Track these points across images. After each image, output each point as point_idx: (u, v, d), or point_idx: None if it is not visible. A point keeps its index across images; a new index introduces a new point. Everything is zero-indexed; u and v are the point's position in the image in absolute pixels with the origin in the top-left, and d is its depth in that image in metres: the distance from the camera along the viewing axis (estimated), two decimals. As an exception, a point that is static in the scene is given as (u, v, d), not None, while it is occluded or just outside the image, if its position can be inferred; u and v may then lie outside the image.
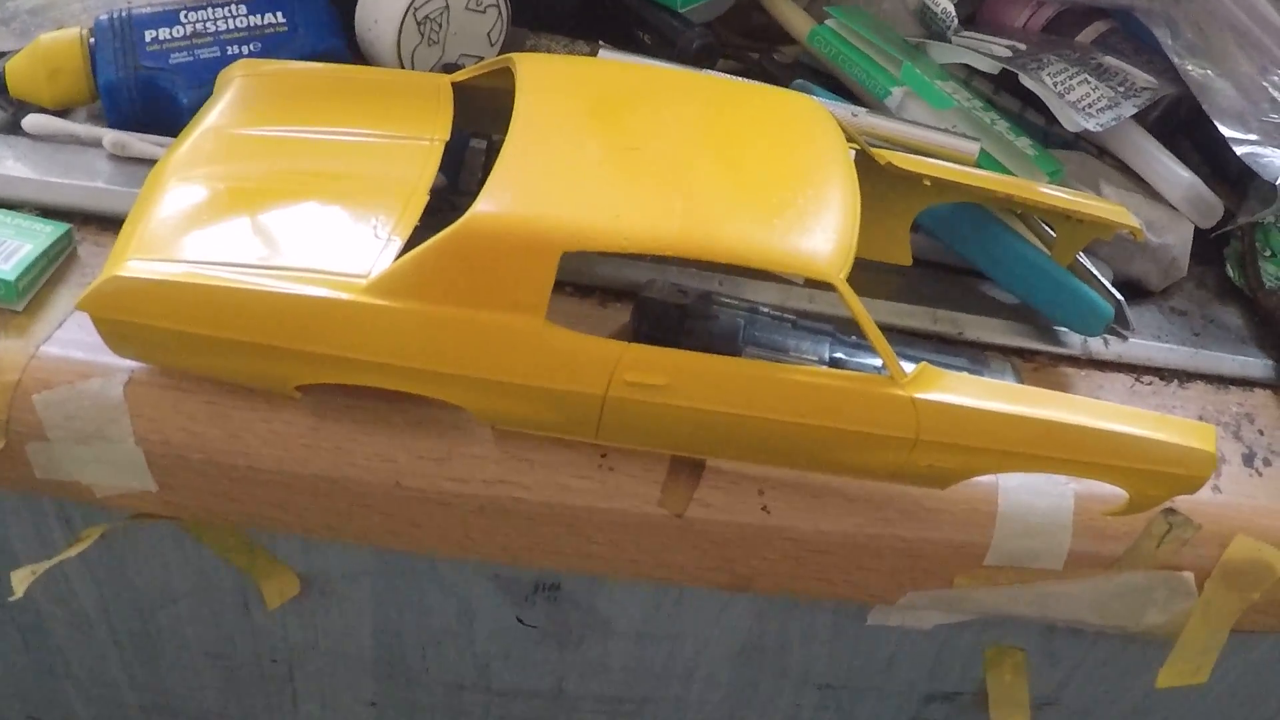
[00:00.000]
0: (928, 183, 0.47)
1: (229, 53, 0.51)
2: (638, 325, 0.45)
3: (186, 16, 0.52)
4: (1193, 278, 0.59)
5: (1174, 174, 0.57)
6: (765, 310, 0.46)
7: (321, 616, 0.54)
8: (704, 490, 0.44)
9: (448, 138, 0.45)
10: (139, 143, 0.50)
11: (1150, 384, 0.53)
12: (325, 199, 0.42)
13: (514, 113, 0.41)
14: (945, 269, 0.53)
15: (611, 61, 0.51)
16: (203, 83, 0.50)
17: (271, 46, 0.52)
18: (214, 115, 0.45)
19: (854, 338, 0.46)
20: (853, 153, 0.45)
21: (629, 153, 0.41)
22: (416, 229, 0.41)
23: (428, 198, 0.42)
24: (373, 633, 0.55)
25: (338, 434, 0.43)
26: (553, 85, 0.43)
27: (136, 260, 0.39)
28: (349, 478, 0.43)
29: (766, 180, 0.41)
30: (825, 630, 0.53)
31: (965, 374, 0.42)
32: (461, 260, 0.38)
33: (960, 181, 0.47)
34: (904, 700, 0.58)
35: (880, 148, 0.49)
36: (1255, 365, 0.54)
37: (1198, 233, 0.57)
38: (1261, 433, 0.51)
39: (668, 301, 0.45)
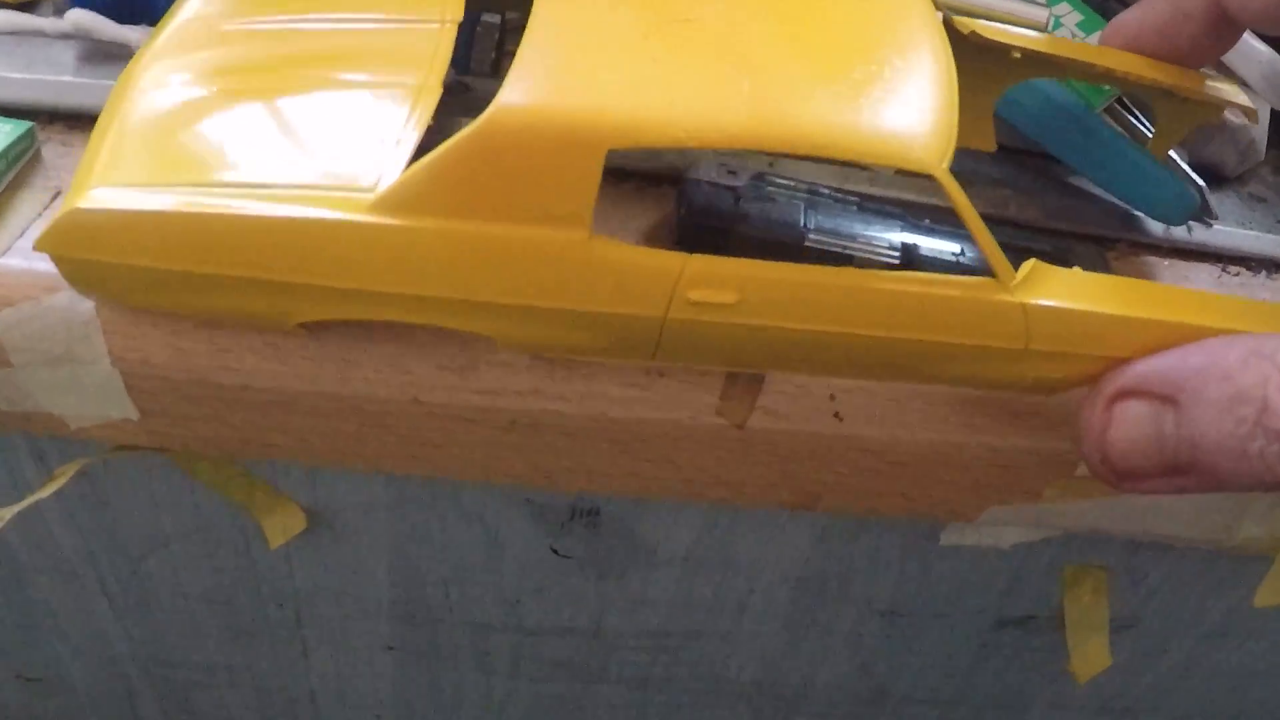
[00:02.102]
0: (1017, 54, 0.41)
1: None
2: (684, 213, 0.39)
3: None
4: (1269, 162, 0.54)
5: (1251, 49, 0.52)
6: (826, 192, 0.41)
7: (331, 555, 0.49)
8: (768, 396, 0.39)
9: (460, 18, 0.38)
10: (106, 25, 0.44)
11: (1237, 274, 0.48)
12: (322, 100, 0.36)
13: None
14: (1018, 153, 0.48)
15: None
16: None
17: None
18: (189, 10, 0.39)
19: (926, 221, 0.41)
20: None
21: (681, 25, 0.34)
22: (430, 130, 0.34)
23: (441, 90, 0.36)
24: (389, 571, 0.50)
25: (344, 344, 0.37)
26: None
27: (102, 188, 0.33)
28: (358, 394, 0.38)
29: (846, 50, 0.35)
30: (893, 552, 0.49)
31: (1079, 270, 0.36)
32: (486, 164, 0.31)
33: (1053, 54, 0.41)
34: (973, 627, 0.54)
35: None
36: (1346, 253, 0.50)
37: (1275, 115, 0.53)
38: (1357, 322, 0.47)
39: (718, 183, 0.39)
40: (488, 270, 0.33)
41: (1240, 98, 0.43)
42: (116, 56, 0.44)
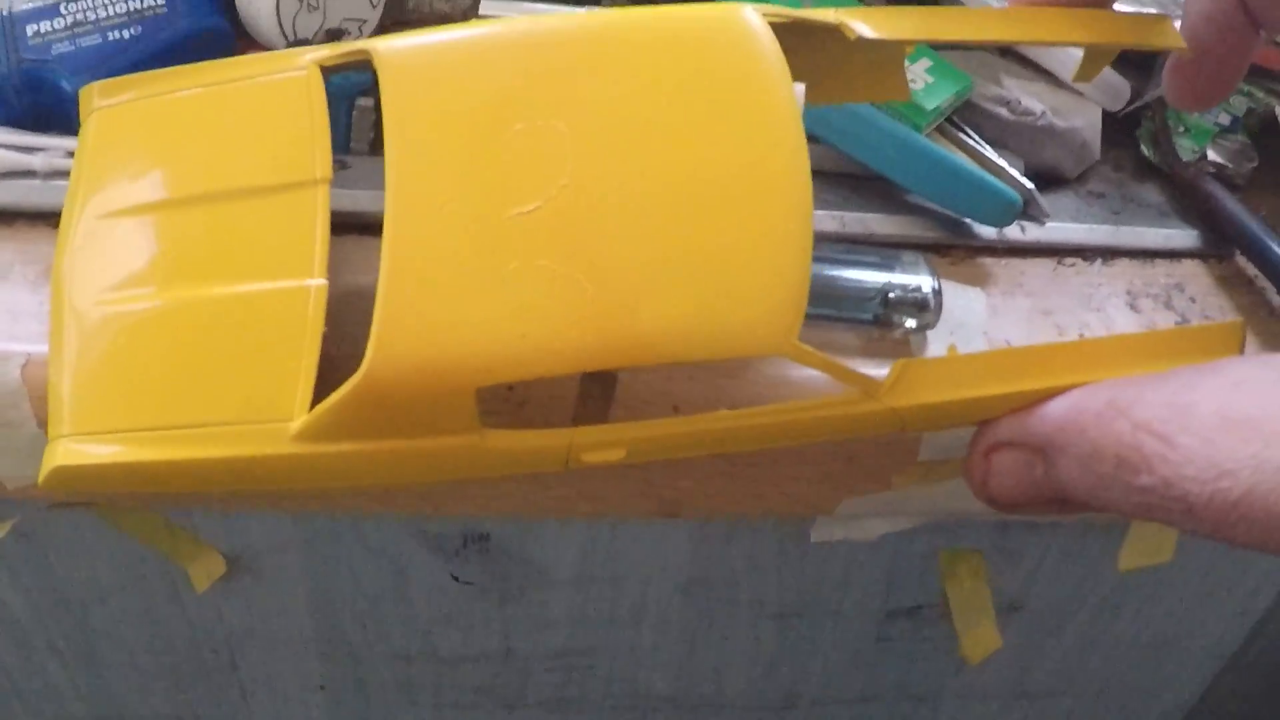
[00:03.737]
0: (910, 49, 0.44)
1: (110, 38, 0.51)
2: None
3: (66, 8, 0.52)
4: (1108, 161, 0.58)
5: (1075, 57, 0.56)
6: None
7: (254, 596, 0.53)
8: (618, 411, 0.42)
9: (330, 176, 0.39)
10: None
11: (1073, 265, 0.52)
12: (231, 312, 0.38)
13: (386, 164, 0.36)
14: (852, 177, 0.52)
15: (489, 37, 0.39)
16: (85, 69, 0.49)
17: (152, 29, 0.51)
18: (92, 184, 0.41)
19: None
20: (802, 91, 0.41)
21: (526, 218, 0.35)
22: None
23: (327, 285, 0.37)
24: (309, 608, 0.53)
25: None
26: (424, 105, 0.37)
27: (73, 444, 0.37)
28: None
29: (691, 212, 0.35)
30: (769, 554, 0.52)
31: (952, 354, 0.39)
32: (376, 406, 0.35)
33: (951, 39, 0.43)
34: (865, 621, 0.57)
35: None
36: (1179, 236, 0.53)
37: (1109, 116, 0.57)
38: (1193, 300, 0.51)
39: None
40: (399, 469, 0.37)
41: (1170, 35, 0.41)
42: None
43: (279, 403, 0.36)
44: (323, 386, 0.35)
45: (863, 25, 0.39)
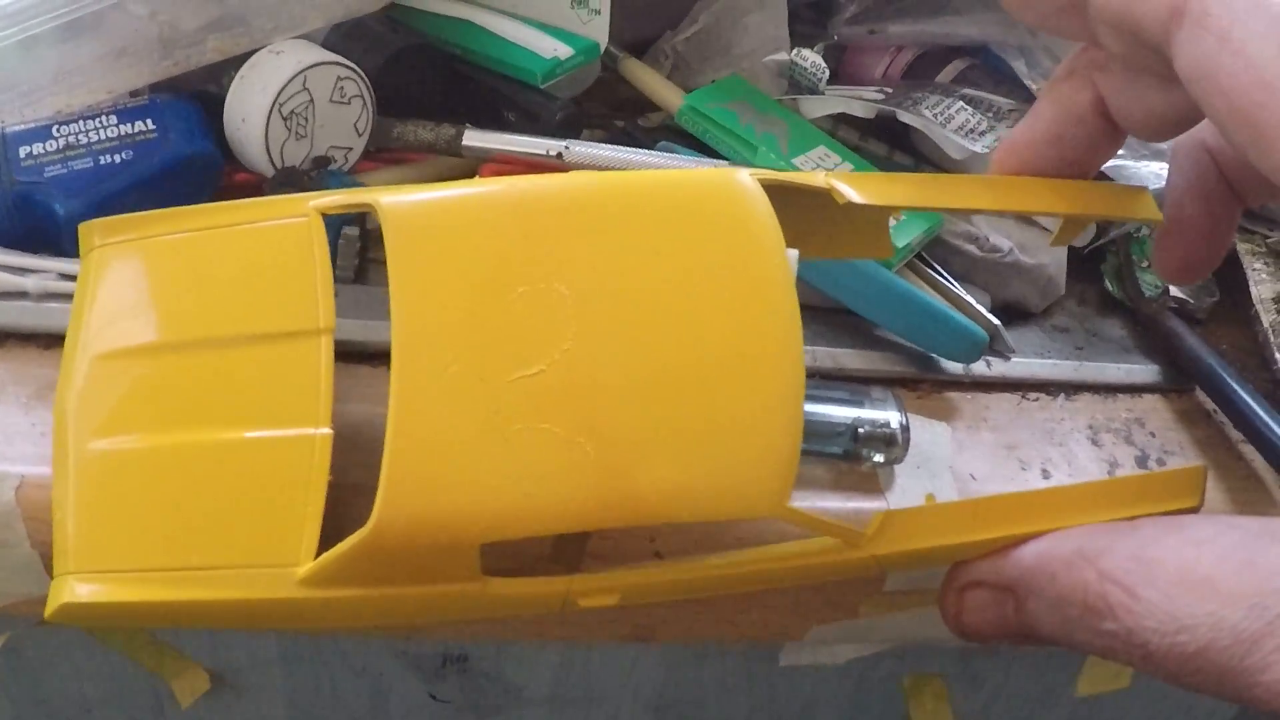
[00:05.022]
0: (896, 218, 0.46)
1: (101, 162, 0.52)
2: None
3: (59, 130, 0.53)
4: (1073, 295, 0.60)
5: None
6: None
7: (236, 712, 0.54)
8: (595, 542, 0.44)
9: (333, 325, 0.40)
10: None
11: (1037, 399, 0.53)
12: (235, 458, 0.39)
13: (392, 323, 0.37)
14: (824, 311, 0.54)
15: (490, 196, 0.40)
16: (77, 192, 0.51)
17: (143, 153, 0.53)
18: (93, 328, 0.42)
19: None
20: (795, 257, 0.42)
21: (529, 381, 0.36)
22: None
23: (331, 432, 0.39)
24: (290, 723, 0.54)
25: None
26: (428, 262, 0.38)
27: (80, 584, 0.38)
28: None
29: (688, 379, 0.36)
30: (738, 676, 0.53)
31: (930, 503, 0.41)
32: (378, 559, 0.36)
33: (932, 206, 0.44)
34: (831, 742, 0.58)
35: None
36: (1140, 371, 0.55)
37: (1074, 251, 0.59)
38: (1153, 435, 0.52)
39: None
40: (401, 612, 0.38)
41: (1148, 208, 0.43)
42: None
43: (286, 548, 0.37)
44: (327, 519, 0.37)
45: (851, 191, 0.40)
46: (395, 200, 0.39)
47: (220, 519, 0.38)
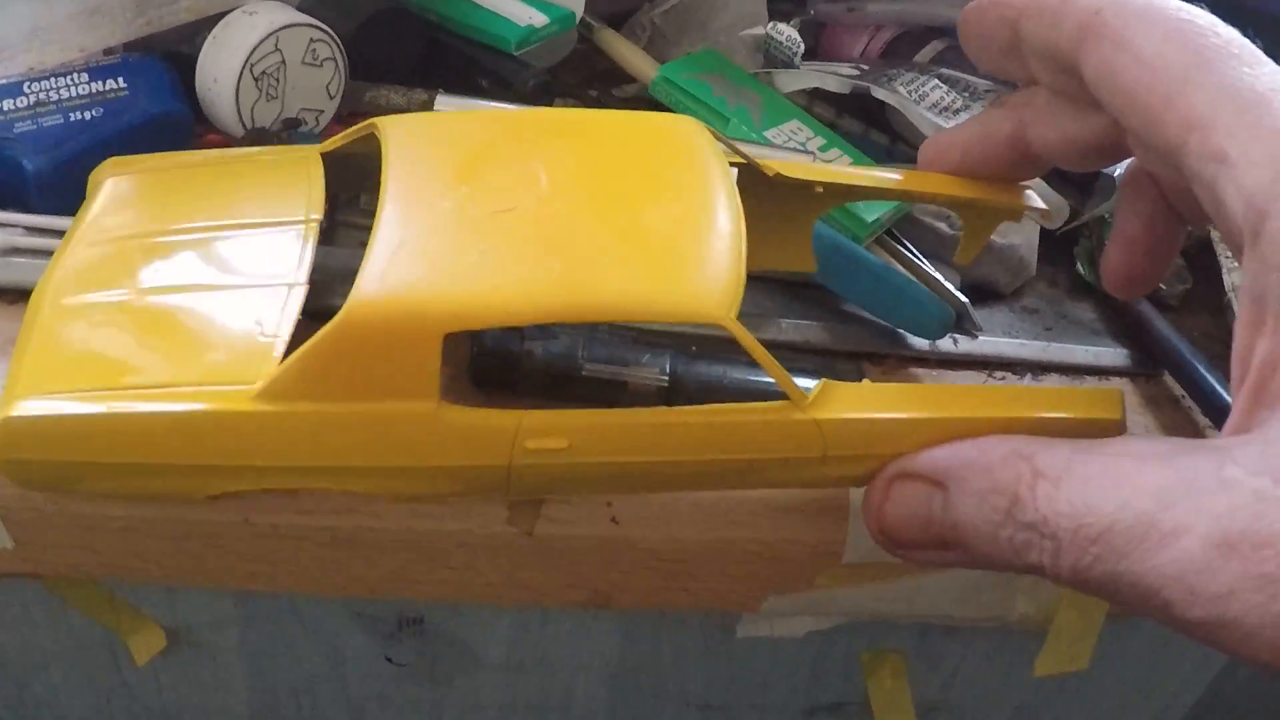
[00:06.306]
0: (819, 189, 0.47)
1: (71, 119, 0.53)
2: (476, 353, 0.45)
3: (30, 87, 0.53)
4: (1044, 277, 0.60)
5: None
6: (604, 328, 0.47)
7: (193, 671, 0.53)
8: (551, 505, 0.44)
9: (321, 214, 0.44)
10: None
11: (1003, 378, 0.54)
12: (208, 305, 0.41)
13: (382, 184, 0.41)
14: (793, 285, 0.54)
15: (478, 113, 0.51)
16: (46, 149, 0.51)
17: (113, 111, 0.53)
18: (88, 224, 0.45)
19: (693, 349, 0.47)
20: (736, 171, 0.45)
21: (502, 215, 0.40)
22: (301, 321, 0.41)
23: (306, 287, 0.42)
24: (246, 684, 0.54)
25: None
26: (419, 149, 0.42)
27: (26, 400, 0.38)
28: (200, 518, 0.43)
29: (645, 223, 0.40)
30: (696, 646, 0.53)
31: (868, 383, 0.42)
32: (344, 355, 0.37)
33: (853, 184, 0.47)
34: (788, 716, 0.58)
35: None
36: (1108, 354, 0.55)
37: (1046, 233, 0.59)
38: (1119, 417, 0.52)
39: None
40: (355, 441, 0.39)
41: (1034, 200, 0.47)
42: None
43: (246, 371, 0.39)
44: None
45: (780, 167, 0.45)
46: (391, 118, 0.44)
47: (183, 351, 0.40)
